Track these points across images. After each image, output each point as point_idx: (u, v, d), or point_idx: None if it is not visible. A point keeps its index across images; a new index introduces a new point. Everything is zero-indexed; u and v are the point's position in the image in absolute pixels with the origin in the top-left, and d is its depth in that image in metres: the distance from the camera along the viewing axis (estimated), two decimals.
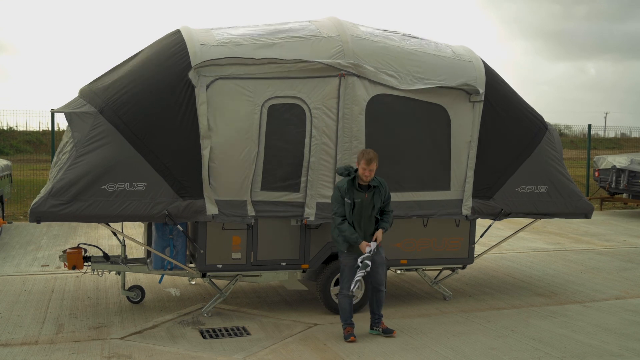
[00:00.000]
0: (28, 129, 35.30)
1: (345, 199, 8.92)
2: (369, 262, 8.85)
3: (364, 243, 8.87)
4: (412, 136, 10.21)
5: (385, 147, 9.96)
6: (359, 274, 8.85)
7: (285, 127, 9.58)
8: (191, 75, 9.17)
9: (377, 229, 9.14)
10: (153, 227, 10.03)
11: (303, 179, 9.71)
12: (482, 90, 10.43)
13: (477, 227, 11.03)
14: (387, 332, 9.25)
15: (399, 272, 11.46)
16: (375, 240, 9.01)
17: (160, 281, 10.98)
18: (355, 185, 8.97)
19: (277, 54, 9.53)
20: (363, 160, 8.82)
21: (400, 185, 10.07)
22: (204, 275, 9.91)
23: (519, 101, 11.00)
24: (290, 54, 9.58)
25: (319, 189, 9.76)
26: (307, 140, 9.67)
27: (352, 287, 8.94)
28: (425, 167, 10.33)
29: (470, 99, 10.42)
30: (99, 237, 16.22)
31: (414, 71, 10.14)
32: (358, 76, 9.77)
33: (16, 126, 34.66)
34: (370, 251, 8.87)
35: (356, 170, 9.03)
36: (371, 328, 9.36)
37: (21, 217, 19.25)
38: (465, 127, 10.45)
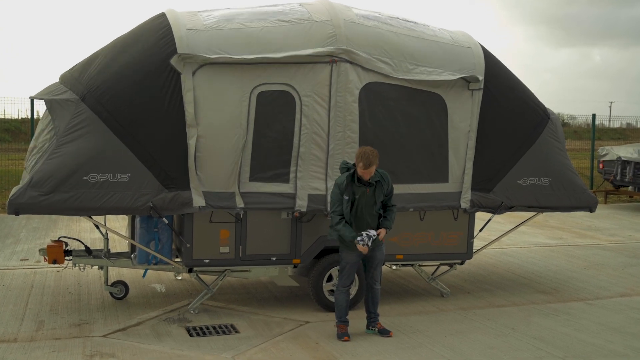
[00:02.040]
0: (6, 117, 35.20)
1: (344, 196, 8.90)
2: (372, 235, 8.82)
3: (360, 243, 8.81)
4: (408, 126, 10.20)
5: (379, 137, 9.95)
6: (367, 235, 8.79)
7: (274, 115, 9.56)
8: (176, 61, 9.15)
9: (379, 226, 9.13)
10: (137, 220, 10.01)
11: (292, 169, 9.70)
12: (481, 78, 10.42)
13: (476, 221, 11.04)
14: (384, 333, 9.25)
15: (394, 267, 11.49)
16: (378, 235, 8.99)
17: (143, 276, 10.97)
18: (355, 180, 8.93)
19: (267, 40, 9.52)
20: (361, 163, 8.73)
21: (396, 177, 10.01)
22: (190, 271, 9.89)
23: (521, 89, 11.00)
24: (280, 39, 9.56)
25: (310, 180, 9.75)
26: (296, 129, 9.66)
27: (358, 238, 8.79)
28: (421, 158, 10.32)
29: (469, 87, 10.41)
30: (80, 230, 16.19)
31: (410, 58, 10.12)
32: (351, 63, 9.76)
33: None
34: (370, 237, 8.81)
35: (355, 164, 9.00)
36: (367, 327, 9.36)
37: None
38: (464, 116, 10.44)
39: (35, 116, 21.29)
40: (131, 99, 9.07)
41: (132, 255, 10.39)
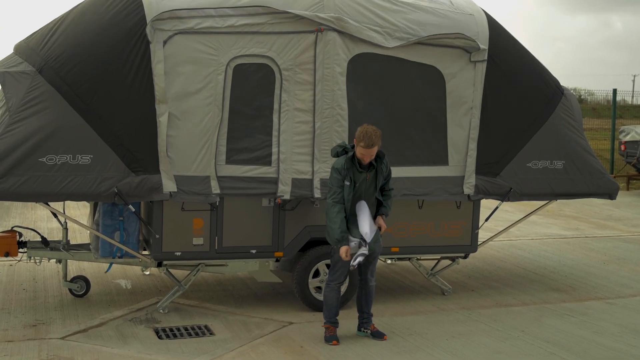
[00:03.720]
0: None
1: (345, 182, 8.83)
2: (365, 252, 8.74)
3: (344, 249, 8.67)
4: (402, 102, 10.20)
5: (370, 115, 9.91)
6: (362, 252, 8.69)
7: (252, 91, 9.55)
8: (147, 29, 9.10)
9: (377, 214, 9.11)
10: (100, 208, 9.98)
11: (274, 149, 9.68)
12: (483, 46, 10.38)
13: (481, 209, 11.04)
14: (377, 336, 9.22)
15: (389, 262, 11.48)
16: (379, 228, 8.97)
17: (107, 270, 10.95)
18: (356, 164, 8.87)
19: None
20: (362, 142, 8.65)
21: (389, 159, 9.97)
22: (159, 265, 9.88)
23: (530, 61, 10.98)
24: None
25: (294, 162, 9.72)
26: (276, 106, 9.65)
27: (354, 261, 8.68)
28: (417, 138, 10.32)
29: (471, 58, 10.38)
30: (36, 218, 16.18)
31: (404, 26, 10.07)
32: (338, 32, 9.72)
33: None
34: (359, 257, 8.72)
35: (353, 146, 8.94)
36: (359, 329, 9.35)
37: None
38: (464, 91, 10.41)
39: None
40: (94, 71, 9.02)
41: (94, 248, 10.34)
